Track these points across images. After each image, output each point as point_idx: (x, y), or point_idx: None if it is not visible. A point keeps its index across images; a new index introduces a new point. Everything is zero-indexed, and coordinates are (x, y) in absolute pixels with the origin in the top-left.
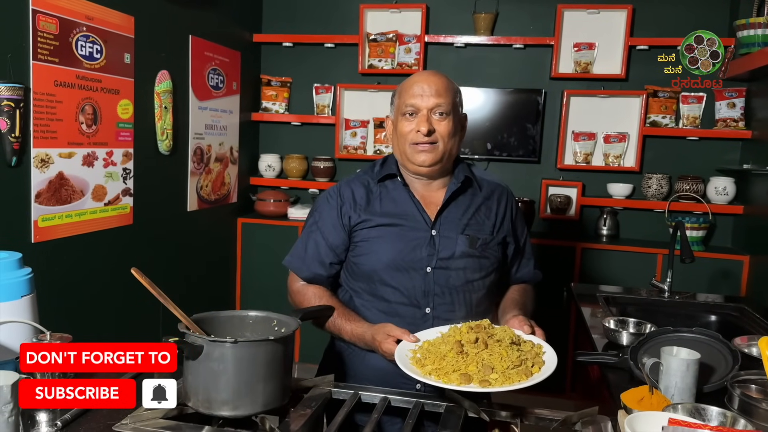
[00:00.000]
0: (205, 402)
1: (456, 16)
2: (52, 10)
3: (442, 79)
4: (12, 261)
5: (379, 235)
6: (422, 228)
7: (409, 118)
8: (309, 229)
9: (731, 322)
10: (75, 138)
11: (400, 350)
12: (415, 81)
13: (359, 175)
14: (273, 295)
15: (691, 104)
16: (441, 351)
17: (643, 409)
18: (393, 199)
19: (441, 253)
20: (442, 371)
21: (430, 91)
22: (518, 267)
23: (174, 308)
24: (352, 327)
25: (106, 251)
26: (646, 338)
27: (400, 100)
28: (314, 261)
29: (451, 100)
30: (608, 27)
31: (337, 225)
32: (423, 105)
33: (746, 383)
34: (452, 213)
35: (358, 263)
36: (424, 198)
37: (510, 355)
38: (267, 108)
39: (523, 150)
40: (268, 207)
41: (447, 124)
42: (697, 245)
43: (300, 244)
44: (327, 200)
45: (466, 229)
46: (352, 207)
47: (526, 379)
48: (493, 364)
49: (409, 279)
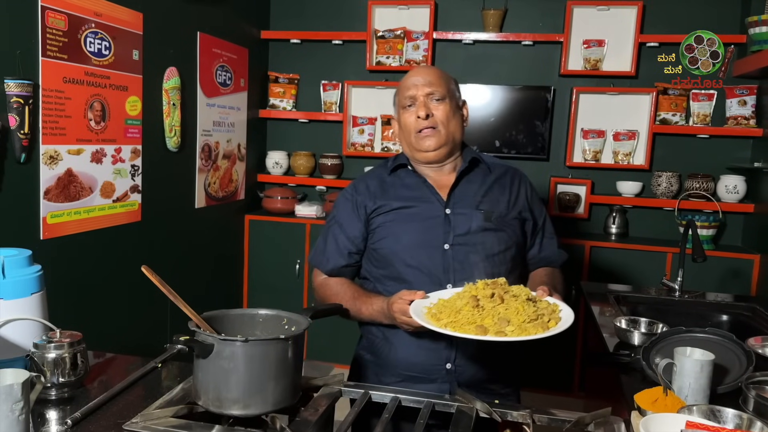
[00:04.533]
0: (215, 401)
1: (465, 12)
2: (61, 7)
3: (434, 69)
4: (22, 258)
5: (396, 218)
6: (436, 208)
7: (409, 109)
8: (328, 225)
9: (743, 322)
10: (84, 135)
11: (415, 307)
12: (409, 75)
13: (373, 170)
14: (280, 292)
15: (702, 102)
16: (456, 305)
17: (657, 410)
18: (406, 185)
19: (457, 230)
20: (457, 323)
21: (423, 81)
22: (541, 246)
23: (184, 306)
24: (372, 304)
25: (114, 248)
26: (658, 338)
27: (399, 96)
28: (334, 253)
29: (446, 87)
30: (618, 24)
31: (354, 216)
32: (419, 93)
33: (761, 384)
34: (464, 191)
35: (377, 248)
36: (436, 182)
37: (526, 309)
38: (274, 105)
39: (531, 147)
40: (275, 204)
41: (444, 108)
42: (707, 244)
43: (320, 240)
44: (343, 196)
45: (480, 205)
46: (368, 197)
47: (542, 331)
48: (509, 317)
49: (428, 258)
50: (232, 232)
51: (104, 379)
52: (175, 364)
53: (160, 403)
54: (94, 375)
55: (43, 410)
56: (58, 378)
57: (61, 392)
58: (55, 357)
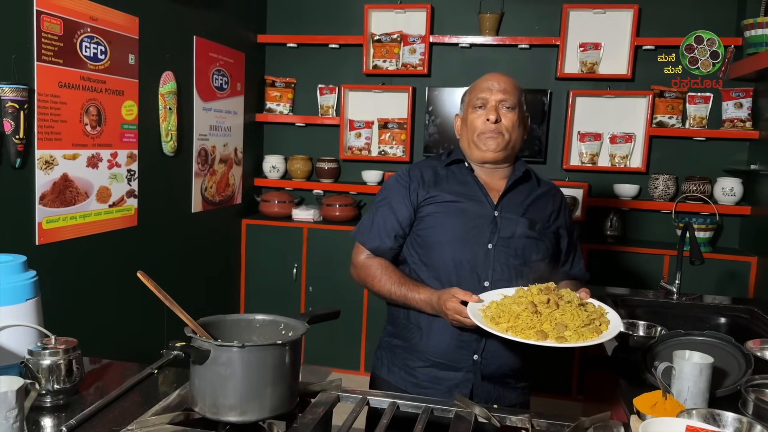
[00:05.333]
0: (212, 407)
1: (461, 16)
2: (56, 11)
3: (509, 78)
4: (17, 264)
5: (446, 210)
6: (486, 208)
7: (479, 110)
8: (377, 205)
9: (741, 325)
10: (79, 139)
11: (471, 309)
12: (486, 78)
13: (426, 161)
14: (277, 297)
15: (698, 104)
16: (514, 310)
17: (657, 414)
18: (459, 180)
19: (502, 233)
20: (518, 328)
21: (498, 87)
22: (572, 264)
23: (180, 312)
24: (419, 293)
25: (110, 253)
26: (656, 341)
27: (471, 95)
28: (381, 232)
29: (517, 97)
30: (614, 27)
31: (405, 200)
32: (492, 98)
33: (760, 388)
34: (513, 198)
35: (423, 236)
36: (487, 184)
37: (580, 314)
38: (271, 109)
39: (528, 150)
40: (272, 208)
41: (512, 117)
42: (705, 246)
43: (367, 218)
44: (397, 180)
45: (526, 213)
46: (421, 185)
47: (597, 336)
48: (566, 322)
49: (471, 253)
50: (229, 237)
51: (100, 385)
52: (172, 371)
53: (156, 409)
54: (89, 381)
55: (38, 417)
56: (53, 385)
57: (56, 399)
58: (50, 363)
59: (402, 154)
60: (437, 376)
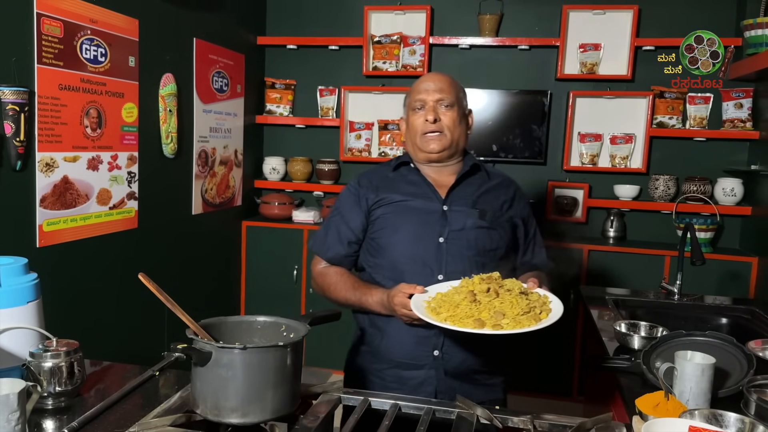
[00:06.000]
0: (213, 409)
1: (461, 17)
2: (56, 14)
3: (445, 77)
4: (18, 266)
5: (395, 210)
6: (434, 204)
7: (418, 111)
8: (330, 216)
9: (742, 325)
10: (80, 142)
11: (415, 301)
12: (422, 80)
13: (376, 168)
14: (278, 298)
15: (698, 105)
16: (455, 300)
17: (659, 415)
18: (408, 181)
19: (452, 226)
20: (456, 317)
21: (434, 87)
22: (533, 254)
23: (182, 314)
24: (372, 296)
25: (111, 255)
26: (658, 342)
27: (410, 98)
28: (335, 241)
29: (455, 95)
30: (614, 28)
31: (356, 208)
32: (429, 99)
33: (762, 388)
34: (462, 192)
35: (375, 238)
36: (436, 181)
37: (520, 302)
38: (271, 110)
39: (529, 151)
40: (272, 210)
41: (451, 115)
42: (705, 247)
43: (322, 230)
44: (347, 189)
45: (476, 204)
46: (370, 189)
47: (535, 323)
48: (504, 310)
49: (423, 249)
50: (229, 239)
51: (101, 387)
52: (173, 373)
53: (157, 411)
54: (90, 384)
55: (40, 420)
56: (54, 387)
57: (57, 402)
58: (51, 366)
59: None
60: (401, 375)
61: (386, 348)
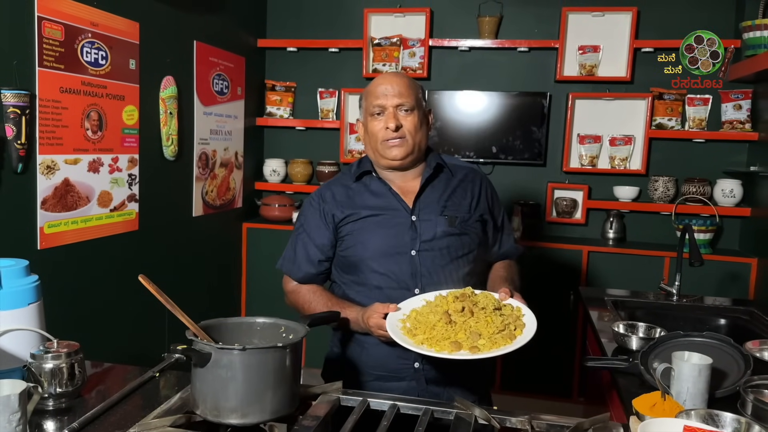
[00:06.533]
0: (213, 410)
1: (460, 19)
2: (57, 17)
3: (403, 78)
4: (19, 268)
5: (363, 226)
6: (403, 215)
7: (378, 117)
8: (296, 232)
9: (741, 326)
10: (80, 144)
11: (390, 322)
12: (379, 83)
13: (336, 178)
14: (278, 300)
15: (697, 106)
16: (430, 321)
17: (656, 415)
18: (372, 192)
19: (423, 236)
20: (433, 340)
21: (393, 91)
22: (500, 244)
23: (181, 315)
24: (347, 313)
25: (112, 257)
26: (656, 343)
27: (367, 102)
28: (304, 261)
29: (414, 97)
30: (613, 29)
31: (321, 225)
32: (388, 104)
33: (759, 388)
34: (429, 198)
35: (346, 255)
36: (401, 188)
37: (494, 320)
38: (271, 113)
39: (528, 153)
40: (273, 212)
41: (413, 119)
42: (705, 248)
43: (289, 247)
44: (310, 204)
45: (444, 211)
46: (334, 205)
47: (510, 342)
48: (479, 330)
49: (395, 264)
50: (229, 241)
51: (102, 389)
52: (173, 374)
53: (157, 412)
54: (91, 385)
55: (41, 421)
56: (55, 388)
57: (58, 403)
58: (52, 367)
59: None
60: (382, 387)
61: (366, 361)
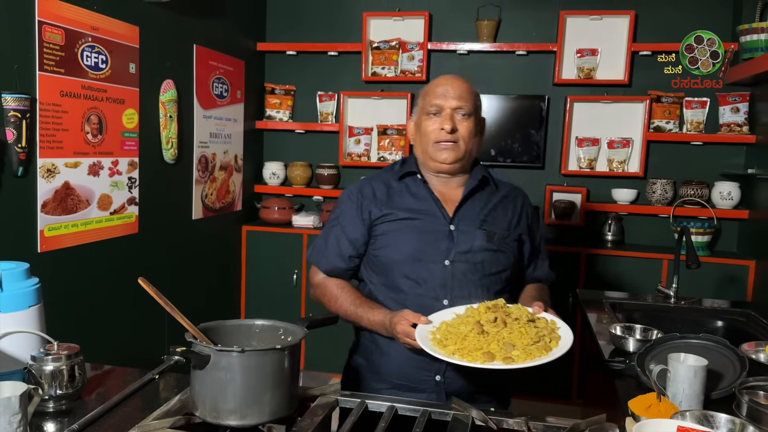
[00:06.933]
0: (212, 411)
1: (459, 23)
2: (58, 21)
3: (465, 83)
4: (19, 271)
5: (399, 228)
6: (441, 222)
7: (433, 117)
8: (330, 224)
9: (738, 328)
10: (81, 148)
11: (420, 333)
12: (440, 83)
13: (380, 173)
14: (278, 303)
15: (695, 109)
16: (462, 331)
17: (651, 416)
18: (413, 194)
19: (459, 247)
20: (465, 350)
21: (453, 93)
22: (535, 267)
23: (181, 317)
24: (373, 315)
25: (111, 260)
26: (652, 345)
27: (424, 100)
28: (334, 254)
29: (473, 104)
30: (611, 33)
31: (357, 220)
32: (447, 105)
33: (754, 389)
34: (470, 209)
35: (378, 255)
36: (443, 195)
37: (528, 332)
38: (271, 116)
39: (527, 156)
40: (272, 214)
41: (468, 125)
42: (703, 250)
43: (321, 238)
44: (348, 197)
45: (483, 224)
46: (373, 202)
47: (546, 354)
48: (513, 341)
49: (427, 271)
50: (229, 243)
51: (102, 391)
52: (173, 376)
53: (157, 414)
54: (91, 387)
55: (41, 422)
56: (55, 390)
57: (58, 404)
58: (52, 369)
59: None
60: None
61: (386, 368)
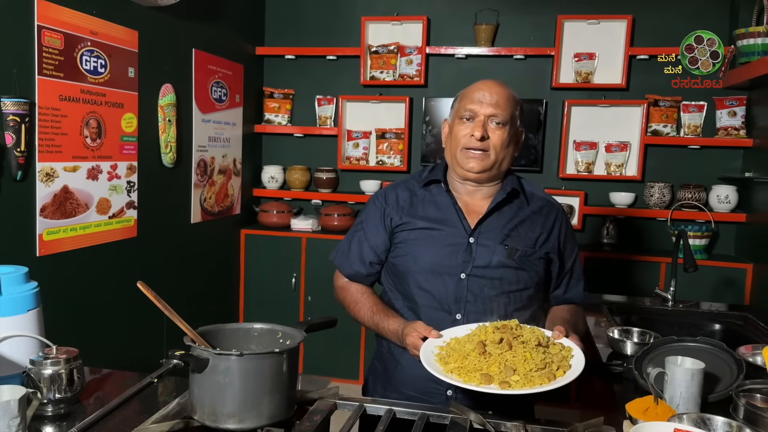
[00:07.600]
0: (211, 415)
1: (457, 27)
2: (57, 26)
3: (504, 89)
4: (18, 275)
5: (417, 237)
6: (460, 234)
7: (466, 122)
8: (355, 228)
9: (735, 331)
10: (80, 152)
11: (426, 347)
12: (478, 88)
13: (406, 179)
14: (276, 306)
15: (692, 113)
16: (465, 350)
17: (648, 419)
18: (436, 203)
19: (477, 261)
20: (463, 370)
21: (490, 100)
22: (567, 288)
23: (179, 321)
24: (388, 323)
25: (110, 264)
26: (650, 348)
27: (460, 104)
28: (356, 259)
29: (510, 112)
30: (608, 37)
31: (379, 226)
32: (481, 111)
33: (751, 392)
34: (494, 222)
35: (396, 264)
36: (468, 205)
37: (534, 357)
38: (270, 120)
39: (525, 160)
40: (271, 218)
41: (501, 134)
42: (700, 253)
43: (345, 242)
44: (374, 202)
45: (506, 240)
46: (395, 209)
47: (547, 382)
48: (515, 365)
49: (442, 284)
50: (228, 247)
51: (100, 394)
52: (171, 379)
53: (156, 418)
54: (90, 391)
55: (40, 426)
56: (54, 394)
57: (57, 408)
58: (51, 373)
59: (399, 163)
60: None
61: (399, 378)
